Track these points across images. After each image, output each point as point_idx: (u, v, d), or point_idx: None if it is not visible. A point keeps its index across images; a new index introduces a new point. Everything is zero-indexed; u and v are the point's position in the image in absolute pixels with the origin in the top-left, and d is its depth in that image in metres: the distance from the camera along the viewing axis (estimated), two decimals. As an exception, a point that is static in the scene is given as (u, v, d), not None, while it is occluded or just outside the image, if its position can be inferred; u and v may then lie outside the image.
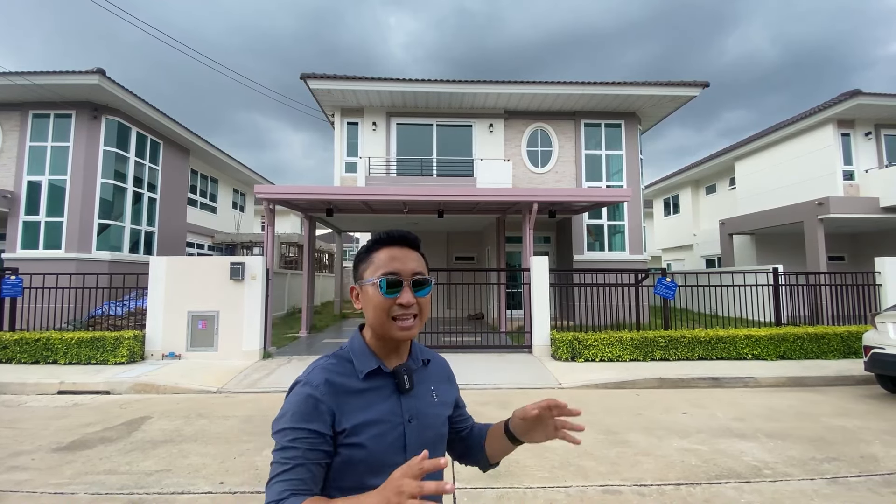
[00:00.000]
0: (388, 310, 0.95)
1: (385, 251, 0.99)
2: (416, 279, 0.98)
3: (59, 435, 4.45)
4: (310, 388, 0.91)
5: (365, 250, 1.03)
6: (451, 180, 12.48)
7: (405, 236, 1.02)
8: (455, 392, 1.17)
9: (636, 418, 5.01)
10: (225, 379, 6.59)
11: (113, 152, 11.57)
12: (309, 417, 0.89)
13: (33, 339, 7.31)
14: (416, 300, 0.97)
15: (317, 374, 0.94)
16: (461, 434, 1.19)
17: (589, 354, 7.68)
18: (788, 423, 4.79)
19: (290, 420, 0.89)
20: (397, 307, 0.95)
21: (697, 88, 12.39)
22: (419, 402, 1.00)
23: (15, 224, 10.90)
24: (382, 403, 0.96)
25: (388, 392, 0.97)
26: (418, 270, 0.99)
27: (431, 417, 1.01)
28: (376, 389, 0.97)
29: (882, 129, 13.19)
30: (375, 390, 0.96)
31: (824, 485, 3.35)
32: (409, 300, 0.95)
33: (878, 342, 5.80)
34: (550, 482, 3.41)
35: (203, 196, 17.12)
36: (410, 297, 0.96)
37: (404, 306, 0.95)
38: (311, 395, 0.90)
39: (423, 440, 0.98)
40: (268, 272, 8.26)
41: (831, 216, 11.94)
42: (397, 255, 0.98)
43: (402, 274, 0.96)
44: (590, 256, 12.80)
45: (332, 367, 0.97)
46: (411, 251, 1.01)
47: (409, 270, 0.97)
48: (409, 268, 0.98)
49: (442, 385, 1.10)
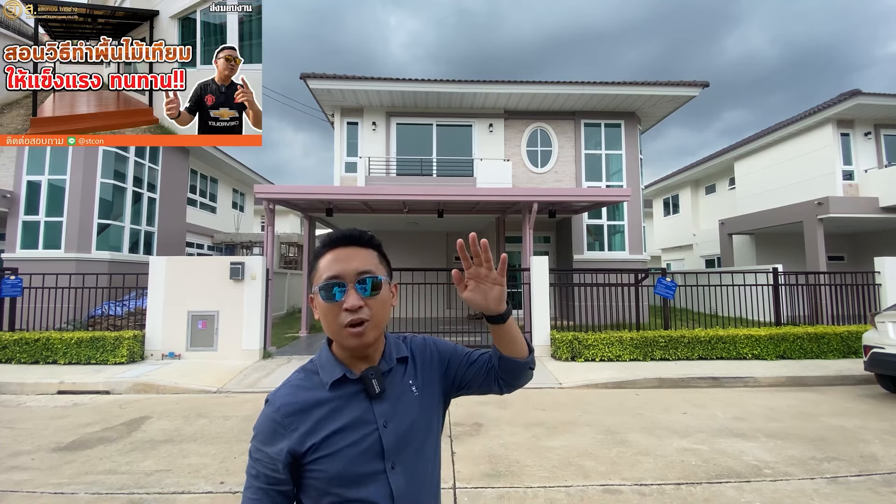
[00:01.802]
0: (335, 316, 0.89)
1: (328, 255, 0.93)
2: (363, 279, 0.90)
3: (59, 435, 4.45)
4: (271, 411, 0.90)
5: (313, 258, 0.97)
6: (451, 180, 12.49)
7: (349, 235, 0.95)
8: (445, 362, 1.06)
9: (636, 418, 5.01)
10: (225, 379, 6.59)
11: (112, 152, 11.55)
12: (269, 441, 0.88)
13: (33, 339, 7.31)
14: (363, 302, 0.89)
15: (281, 394, 0.93)
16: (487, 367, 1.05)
17: (589, 354, 7.68)
18: (788, 423, 4.79)
19: (256, 442, 0.90)
20: (345, 313, 0.88)
21: (697, 88, 12.40)
22: (395, 403, 0.95)
23: (14, 224, 10.88)
24: (352, 411, 0.91)
25: (358, 399, 0.92)
26: (364, 269, 0.91)
27: (412, 414, 0.96)
28: (344, 398, 0.92)
29: (881, 128, 13.20)
30: (343, 399, 0.92)
31: (824, 484, 3.36)
32: (353, 303, 0.88)
33: (878, 342, 5.80)
34: (551, 482, 3.41)
35: (203, 196, 17.12)
36: (355, 299, 0.88)
37: (350, 311, 0.88)
38: (271, 419, 0.90)
39: (404, 442, 0.93)
40: (268, 272, 8.26)
41: (831, 216, 11.95)
42: (340, 255, 0.92)
43: (343, 276, 0.90)
44: (590, 256, 12.81)
45: (299, 383, 0.94)
46: (359, 249, 0.94)
47: (353, 270, 0.90)
48: (352, 267, 0.91)
49: (425, 370, 1.02)
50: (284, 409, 0.90)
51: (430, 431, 0.98)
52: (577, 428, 4.66)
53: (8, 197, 10.85)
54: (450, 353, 1.08)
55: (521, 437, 4.39)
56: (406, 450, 0.92)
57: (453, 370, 1.06)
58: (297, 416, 0.89)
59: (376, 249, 0.97)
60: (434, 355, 1.06)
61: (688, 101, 12.89)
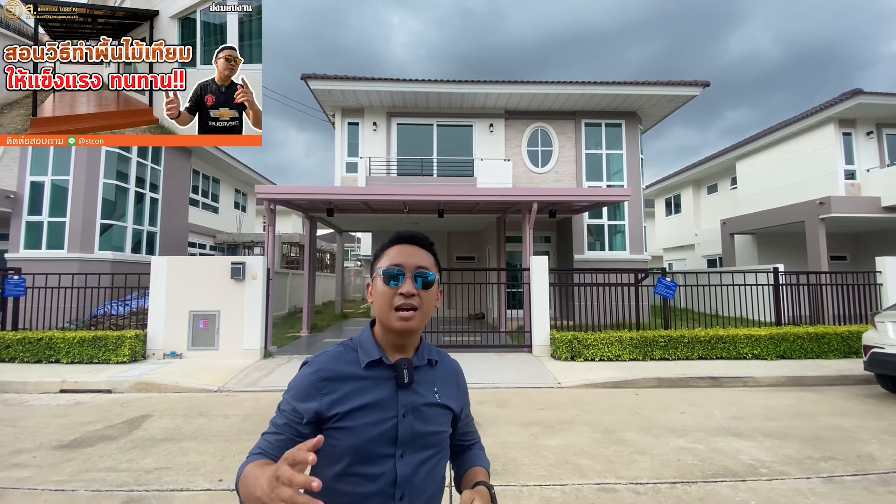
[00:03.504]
0: (390, 298, 0.99)
1: (395, 248, 1.05)
2: (420, 273, 1.02)
3: (61, 433, 4.49)
4: (310, 372, 0.99)
5: (379, 249, 1.09)
6: (452, 180, 12.51)
7: (416, 235, 1.08)
8: (463, 400, 1.15)
9: (634, 417, 5.02)
10: (225, 378, 6.63)
11: (115, 152, 11.62)
12: (302, 398, 0.96)
13: (36, 339, 7.36)
14: (417, 291, 1.00)
15: (321, 359, 1.01)
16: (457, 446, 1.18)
17: (588, 354, 7.69)
18: (786, 423, 4.79)
19: (288, 395, 0.99)
20: (399, 297, 0.99)
21: (698, 88, 12.38)
22: (419, 398, 1.01)
23: (18, 224, 10.96)
24: (379, 393, 0.98)
25: (387, 384, 1.00)
26: (422, 265, 1.03)
27: (430, 415, 1.02)
28: (375, 379, 0.99)
29: (884, 128, 13.14)
30: (374, 380, 0.99)
31: (820, 483, 3.36)
32: (408, 290, 0.99)
33: (878, 342, 5.79)
34: (546, 480, 3.43)
35: (205, 196, 17.18)
36: (411, 286, 1.00)
37: (405, 296, 0.99)
38: (308, 379, 0.98)
39: (417, 437, 0.98)
40: (269, 272, 8.30)
41: (832, 216, 11.91)
42: (404, 250, 1.04)
43: (405, 266, 1.02)
44: (590, 256, 12.81)
45: (339, 355, 1.02)
46: (420, 249, 1.06)
47: (413, 264, 1.02)
48: (414, 261, 1.03)
49: (449, 388, 1.10)
50: (322, 372, 0.99)
51: (437, 441, 1.04)
52: (574, 427, 4.68)
53: (11, 197, 10.93)
54: (466, 400, 1.19)
55: (519, 435, 4.41)
56: (417, 442, 0.98)
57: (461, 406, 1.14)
58: (331, 382, 0.97)
59: (432, 253, 1.09)
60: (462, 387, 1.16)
61: (689, 101, 12.88)
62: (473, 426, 1.24)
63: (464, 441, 1.20)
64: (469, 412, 1.21)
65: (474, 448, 1.22)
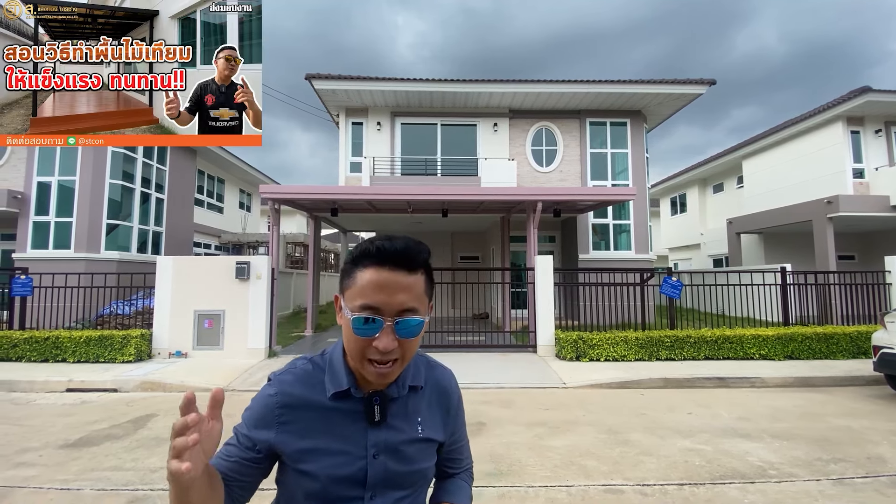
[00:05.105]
0: (361, 350, 0.80)
1: (372, 272, 0.79)
2: (403, 320, 0.79)
3: (67, 432, 4.51)
4: (268, 395, 0.86)
5: (351, 261, 0.83)
6: (456, 180, 12.48)
7: (401, 254, 0.79)
8: (454, 425, 0.99)
9: (639, 418, 4.98)
10: (230, 377, 6.65)
11: (121, 153, 11.69)
12: (256, 423, 0.85)
13: (43, 338, 7.42)
14: (397, 344, 0.79)
15: (284, 380, 0.88)
16: (440, 472, 1.02)
17: (593, 354, 7.65)
18: (794, 424, 4.73)
19: (245, 418, 0.87)
20: (373, 349, 0.79)
21: (704, 86, 12.29)
22: (396, 435, 0.87)
23: (25, 224, 11.05)
24: (345, 430, 0.84)
25: (356, 419, 0.85)
26: (408, 306, 0.79)
27: (411, 453, 0.88)
28: (342, 413, 0.85)
29: (892, 126, 12.98)
30: (341, 413, 0.85)
31: (830, 485, 3.31)
32: (386, 346, 0.77)
33: (888, 342, 5.71)
34: (552, 481, 3.40)
35: (210, 196, 17.27)
36: (389, 342, 0.78)
37: (382, 352, 0.78)
38: (265, 402, 0.86)
39: (391, 478, 0.85)
40: (273, 271, 8.31)
41: (840, 215, 11.79)
42: (385, 281, 0.78)
43: (383, 311, 0.78)
44: (595, 256, 12.75)
45: (305, 376, 0.88)
46: (406, 275, 0.80)
47: (395, 306, 0.78)
48: (396, 302, 0.78)
49: (435, 416, 0.94)
50: (280, 397, 0.85)
51: (419, 480, 0.91)
52: (579, 427, 4.65)
53: (19, 198, 11.02)
54: (459, 424, 1.02)
55: (524, 436, 4.39)
56: (390, 484, 0.86)
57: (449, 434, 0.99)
58: (289, 411, 0.84)
59: (425, 271, 0.84)
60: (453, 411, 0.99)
61: (694, 99, 12.79)
62: (466, 452, 1.06)
63: (449, 468, 1.03)
64: (462, 436, 1.03)
65: (457, 478, 1.03)
